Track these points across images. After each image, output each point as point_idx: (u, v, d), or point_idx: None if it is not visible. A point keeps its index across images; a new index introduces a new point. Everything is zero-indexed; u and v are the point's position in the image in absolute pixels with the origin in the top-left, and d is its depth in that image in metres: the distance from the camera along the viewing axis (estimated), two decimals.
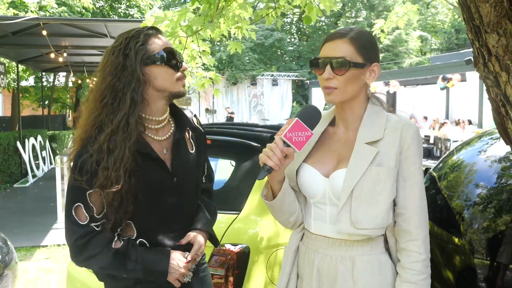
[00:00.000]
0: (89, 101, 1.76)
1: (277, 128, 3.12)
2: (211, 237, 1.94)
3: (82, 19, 8.27)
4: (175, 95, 1.76)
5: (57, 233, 7.00)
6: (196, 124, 1.93)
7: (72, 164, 1.68)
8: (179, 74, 1.76)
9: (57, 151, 17.26)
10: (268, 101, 29.45)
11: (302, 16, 3.26)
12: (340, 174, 1.66)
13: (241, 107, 29.11)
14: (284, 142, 1.60)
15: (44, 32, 7.83)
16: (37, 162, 13.52)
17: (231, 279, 2.40)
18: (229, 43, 3.21)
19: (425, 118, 19.88)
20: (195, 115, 1.96)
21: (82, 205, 1.65)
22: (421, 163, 1.72)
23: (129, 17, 18.87)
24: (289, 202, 1.74)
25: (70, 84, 28.17)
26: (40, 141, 14.06)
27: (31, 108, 26.96)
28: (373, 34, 5.20)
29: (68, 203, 1.67)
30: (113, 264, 1.67)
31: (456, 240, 2.92)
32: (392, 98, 25.30)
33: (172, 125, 1.84)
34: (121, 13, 19.52)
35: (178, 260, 1.73)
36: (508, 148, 3.01)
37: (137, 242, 1.74)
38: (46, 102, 21.19)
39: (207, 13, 2.73)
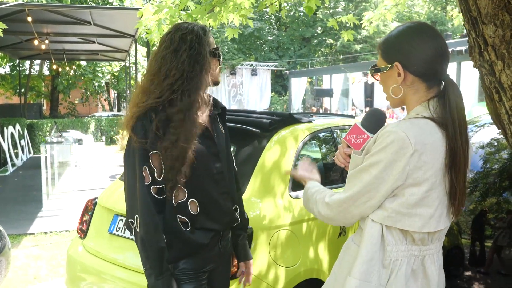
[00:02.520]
0: (149, 74, 1.98)
1: (273, 114, 3.22)
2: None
3: (68, 5, 8.19)
4: (216, 83, 2.07)
5: (43, 221, 6.99)
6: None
7: (135, 128, 1.89)
8: (220, 67, 2.09)
9: (35, 141, 17.06)
10: (248, 91, 29.46)
11: (303, 6, 3.34)
12: None
13: (220, 96, 29.04)
14: (347, 144, 1.84)
15: (29, 18, 7.74)
16: (15, 151, 13.38)
17: (234, 259, 2.49)
18: (227, 29, 3.31)
19: (403, 108, 20.19)
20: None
21: (147, 167, 1.88)
22: (375, 159, 1.61)
23: (108, 4, 18.65)
24: None
25: (46, 72, 27.76)
26: (18, 130, 13.89)
27: (4, 96, 26.52)
28: (362, 26, 5.33)
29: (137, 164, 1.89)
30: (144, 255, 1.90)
31: None
32: (370, 89, 25.61)
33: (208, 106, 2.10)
34: (100, 1, 19.30)
35: None
36: (491, 134, 3.18)
37: (188, 202, 1.95)
38: (22, 91, 20.84)
39: (211, 2, 2.80)
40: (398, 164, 1.56)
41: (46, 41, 10.28)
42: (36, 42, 9.51)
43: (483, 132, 3.38)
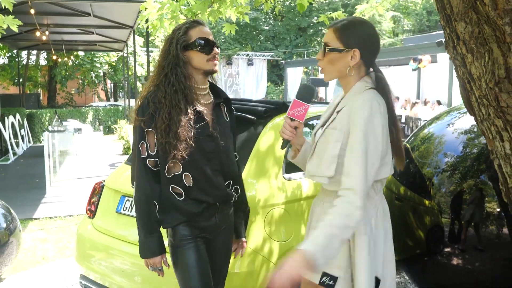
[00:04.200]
0: (152, 75, 2.37)
1: (268, 103, 3.45)
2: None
3: None
4: (208, 71, 2.33)
5: (47, 207, 7.23)
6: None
7: (138, 110, 2.26)
8: (209, 56, 2.29)
9: (35, 130, 17.23)
10: (244, 81, 29.58)
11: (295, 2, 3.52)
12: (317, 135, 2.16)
13: None
14: (290, 118, 2.11)
15: (32, 11, 7.92)
16: (16, 140, 13.57)
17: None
18: (224, 25, 3.53)
19: (397, 98, 20.39)
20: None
21: (144, 142, 2.23)
22: (365, 129, 1.92)
23: None
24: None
25: (44, 63, 27.82)
26: (18, 120, 14.07)
27: (1, 87, 26.60)
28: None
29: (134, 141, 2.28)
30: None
31: (427, 202, 3.31)
32: None
33: (212, 96, 2.43)
34: None
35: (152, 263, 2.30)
36: (472, 121, 3.40)
37: (183, 175, 2.25)
38: (21, 81, 20.97)
39: None
40: (383, 126, 1.97)
41: (47, 32, 10.44)
42: (38, 33, 9.67)
43: (465, 119, 3.57)
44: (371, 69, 2.16)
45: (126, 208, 3.21)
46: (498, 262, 2.99)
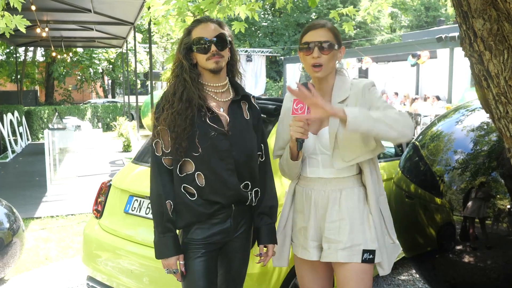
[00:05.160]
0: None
1: (278, 100, 3.41)
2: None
3: None
4: (210, 70, 2.27)
5: (49, 206, 7.18)
6: (253, 101, 2.44)
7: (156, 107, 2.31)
8: (207, 55, 2.24)
9: (33, 127, 17.16)
10: (243, 77, 29.50)
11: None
12: (325, 130, 2.27)
13: None
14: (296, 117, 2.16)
15: (33, 7, 7.85)
16: (14, 138, 13.50)
17: None
18: (234, 23, 3.49)
19: (396, 94, 20.40)
20: (253, 96, 2.47)
21: (159, 140, 2.25)
22: (383, 98, 2.28)
23: None
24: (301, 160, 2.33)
25: (40, 59, 27.69)
26: (17, 117, 14.01)
27: None
28: (362, 17, 5.49)
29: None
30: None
31: (438, 200, 3.28)
32: (364, 74, 25.76)
33: (232, 93, 2.38)
34: None
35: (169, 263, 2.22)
36: (481, 118, 3.38)
37: (195, 174, 2.23)
38: (18, 77, 20.88)
39: None
40: None
41: (46, 29, 10.37)
42: (38, 30, 9.61)
43: (474, 116, 3.56)
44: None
45: (135, 208, 3.18)
46: (510, 259, 2.97)
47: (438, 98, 17.09)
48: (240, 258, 2.37)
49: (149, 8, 3.79)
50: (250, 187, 2.32)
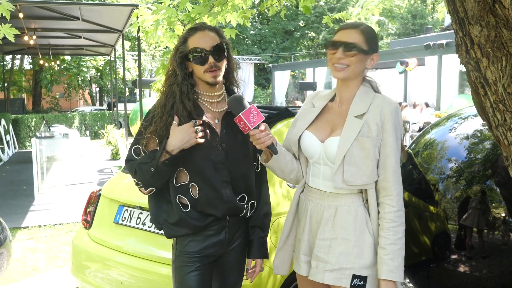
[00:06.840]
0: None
1: (270, 108, 3.37)
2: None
3: (57, 2, 8.12)
4: (207, 83, 2.19)
5: (36, 215, 7.06)
6: None
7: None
8: (205, 67, 2.15)
9: (20, 136, 16.96)
10: (241, 85, 29.49)
11: (298, 6, 3.48)
12: (333, 140, 2.10)
13: None
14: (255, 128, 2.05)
15: (21, 15, 7.75)
16: (1, 146, 13.33)
17: None
18: (225, 29, 3.45)
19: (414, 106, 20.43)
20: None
21: (139, 147, 2.18)
22: (397, 135, 2.11)
23: (97, 0, 18.53)
24: (285, 163, 2.20)
25: (27, 67, 27.46)
26: (3, 125, 13.83)
27: None
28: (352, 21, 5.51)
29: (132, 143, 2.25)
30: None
31: (432, 208, 3.25)
32: None
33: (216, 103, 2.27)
34: None
35: (179, 131, 2.10)
36: (475, 126, 3.36)
37: (189, 185, 2.16)
38: (5, 85, 20.66)
39: (213, 2, 2.93)
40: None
41: (34, 37, 10.27)
42: (26, 38, 9.51)
43: (467, 124, 3.55)
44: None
45: (125, 218, 3.11)
46: (506, 269, 2.95)
47: (427, 105, 17.18)
48: (236, 271, 2.31)
49: (137, 18, 3.74)
50: (246, 199, 2.25)
